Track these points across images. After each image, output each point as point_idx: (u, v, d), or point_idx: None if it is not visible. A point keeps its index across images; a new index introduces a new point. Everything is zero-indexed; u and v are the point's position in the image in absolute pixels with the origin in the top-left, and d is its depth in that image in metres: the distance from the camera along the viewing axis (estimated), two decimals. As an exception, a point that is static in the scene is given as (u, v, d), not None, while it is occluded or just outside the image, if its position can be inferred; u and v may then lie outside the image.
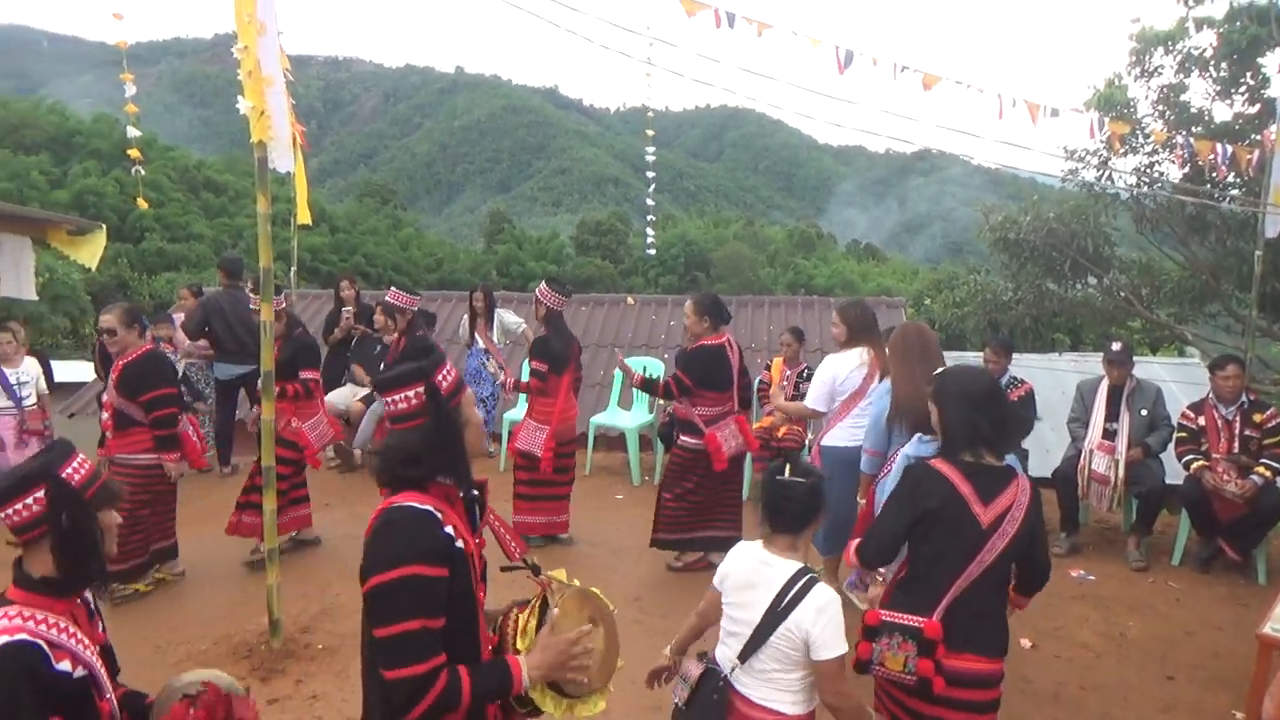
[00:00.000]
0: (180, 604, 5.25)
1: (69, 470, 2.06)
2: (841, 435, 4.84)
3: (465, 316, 8.27)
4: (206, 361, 7.83)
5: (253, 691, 2.38)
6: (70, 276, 21.37)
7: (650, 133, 5.15)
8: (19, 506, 1.99)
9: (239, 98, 4.08)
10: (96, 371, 7.95)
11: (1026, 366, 8.69)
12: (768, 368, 7.47)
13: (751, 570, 2.66)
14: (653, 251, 6.24)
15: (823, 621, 2.48)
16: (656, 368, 8.15)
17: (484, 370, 7.83)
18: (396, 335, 6.41)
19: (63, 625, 2.00)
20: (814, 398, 4.97)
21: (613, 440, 8.42)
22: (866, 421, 4.45)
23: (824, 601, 2.51)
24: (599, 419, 7.92)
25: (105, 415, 5.22)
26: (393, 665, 1.94)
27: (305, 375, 5.74)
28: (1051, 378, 9.31)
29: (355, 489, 7.50)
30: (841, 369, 4.93)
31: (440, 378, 2.17)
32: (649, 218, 5.49)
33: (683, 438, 5.45)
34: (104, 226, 7.48)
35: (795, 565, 2.61)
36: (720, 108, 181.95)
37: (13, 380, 6.58)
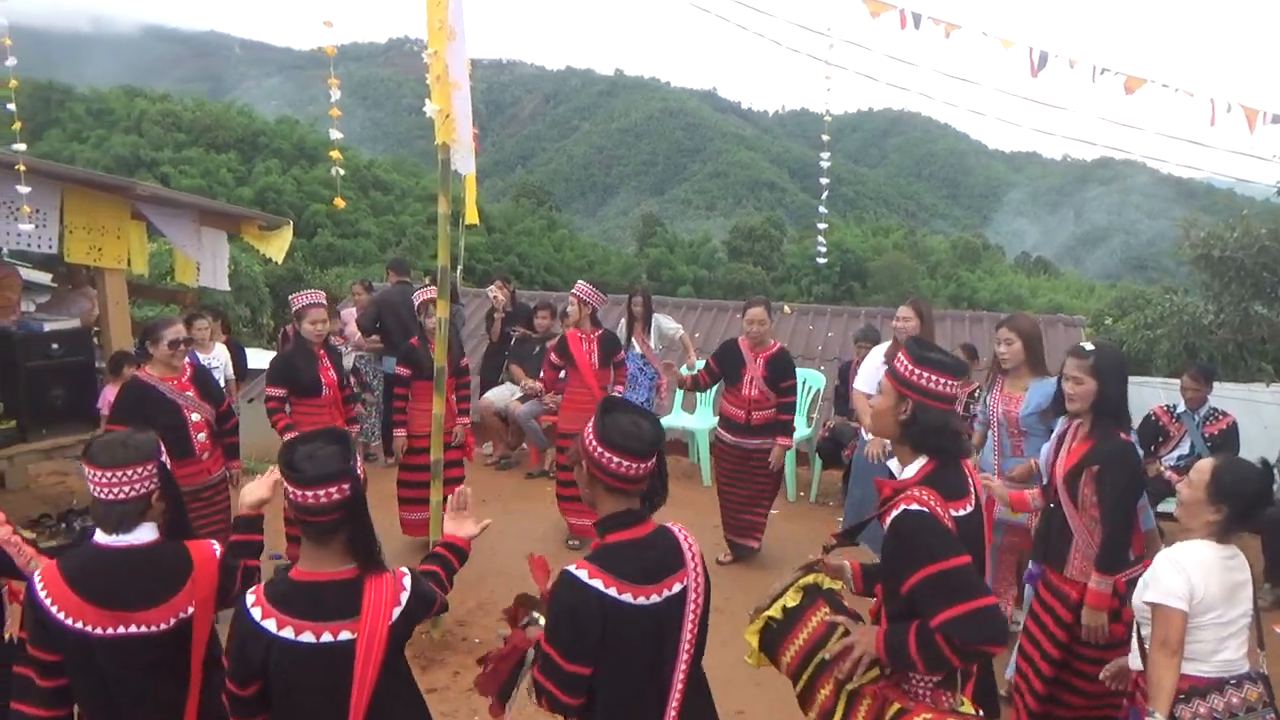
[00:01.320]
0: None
1: (358, 467, 2.26)
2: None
3: (622, 320, 8.37)
4: (376, 355, 8.25)
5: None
6: (252, 269, 23.05)
7: (825, 137, 5.06)
8: (332, 490, 2.16)
9: (426, 101, 4.27)
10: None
11: (1225, 397, 8.04)
12: None
13: (1226, 570, 2.79)
14: (824, 260, 6.09)
15: None
16: (817, 380, 8.02)
17: (640, 375, 7.91)
18: (591, 328, 6.48)
19: None
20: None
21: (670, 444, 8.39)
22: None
23: None
24: (666, 421, 7.89)
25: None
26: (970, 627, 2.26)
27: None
28: (1251, 410, 8.56)
29: (510, 486, 7.74)
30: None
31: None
32: (820, 226, 5.38)
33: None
34: (291, 222, 8.03)
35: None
36: (884, 111, 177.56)
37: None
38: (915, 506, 2.34)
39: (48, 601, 2.34)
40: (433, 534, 4.75)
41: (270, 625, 2.13)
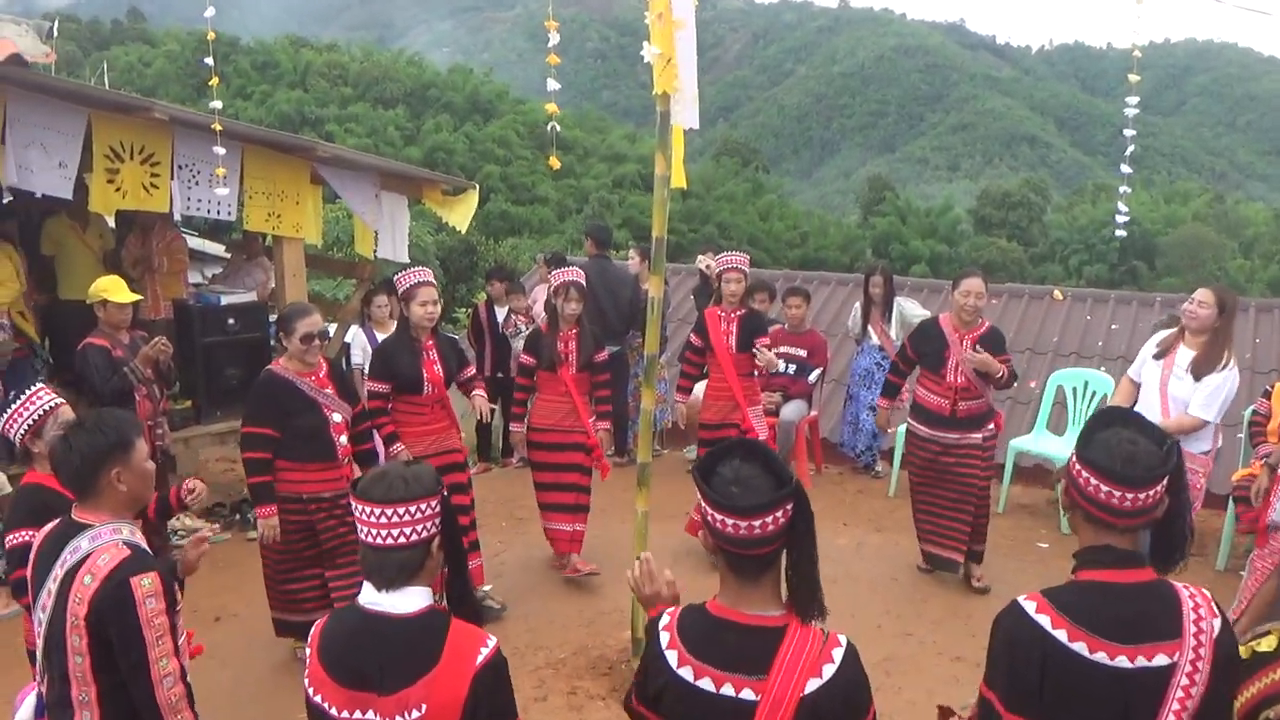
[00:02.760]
0: (541, 606, 5.79)
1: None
2: None
3: (858, 305, 8.27)
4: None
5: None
6: (423, 239, 24.33)
7: (1134, 77, 4.77)
8: (768, 519, 2.13)
9: (645, 44, 4.35)
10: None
11: None
12: (1266, 394, 6.51)
13: None
14: (1123, 233, 5.71)
15: None
16: (1103, 384, 7.61)
17: (877, 371, 7.79)
18: (737, 305, 6.53)
19: None
20: None
21: (1030, 472, 8.05)
22: None
23: None
24: (1021, 444, 7.58)
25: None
26: None
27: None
28: None
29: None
30: None
31: None
32: (1122, 189, 5.08)
33: None
34: (476, 187, 8.43)
35: None
36: (1185, 43, 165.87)
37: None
38: None
39: (306, 663, 2.36)
40: (638, 548, 4.86)
41: (672, 659, 2.14)
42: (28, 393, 3.87)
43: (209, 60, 5.13)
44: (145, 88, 48.03)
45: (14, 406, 3.83)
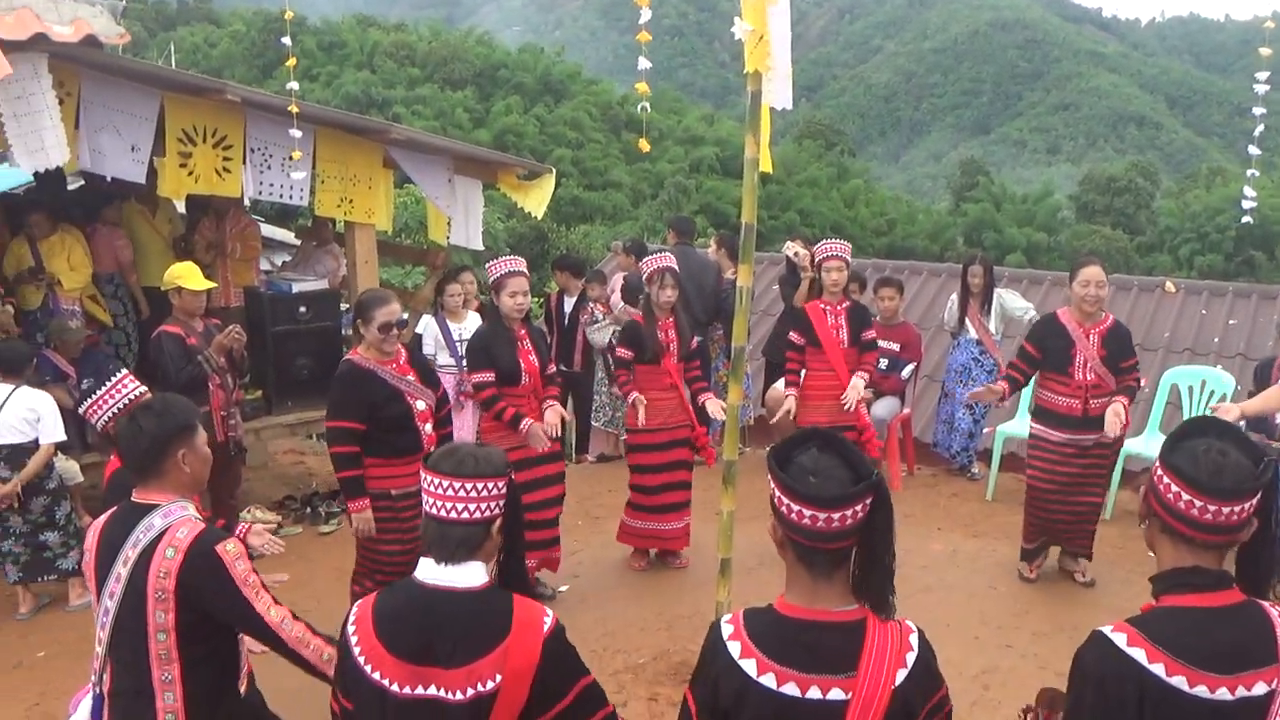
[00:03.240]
0: (619, 608, 5.84)
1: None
2: None
3: (954, 296, 8.18)
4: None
5: None
6: (493, 226, 24.58)
7: (1265, 51, 4.63)
8: (846, 513, 2.14)
9: (735, 20, 4.35)
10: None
11: None
12: None
13: None
14: (1248, 219, 5.54)
15: None
16: (1221, 382, 7.43)
17: (975, 367, 7.70)
18: (840, 297, 6.54)
19: None
20: None
21: (1141, 477, 7.86)
22: None
23: None
24: (1132, 446, 7.42)
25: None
26: None
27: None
28: None
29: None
30: None
31: None
32: (1250, 173, 4.94)
33: None
34: (553, 171, 8.50)
35: None
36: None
37: (456, 336, 7.71)
38: None
39: (354, 639, 2.41)
40: (722, 550, 4.87)
41: (749, 668, 2.12)
42: (114, 379, 4.00)
43: (286, 40, 5.26)
44: (211, 69, 49.10)
45: (100, 392, 3.96)
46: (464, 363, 7.30)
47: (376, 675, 2.35)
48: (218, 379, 6.18)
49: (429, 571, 2.41)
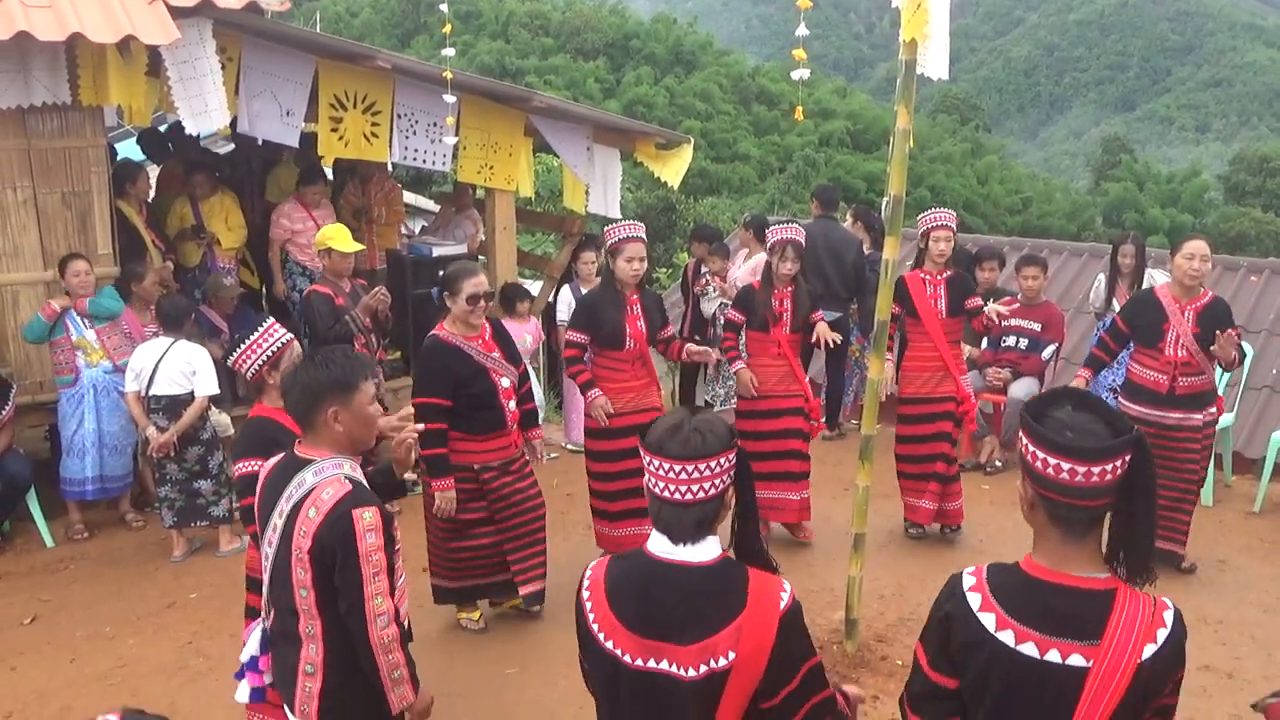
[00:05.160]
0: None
1: None
2: None
3: (1101, 276, 7.94)
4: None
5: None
6: (623, 196, 24.65)
7: None
8: (1107, 466, 2.11)
9: (894, -13, 4.26)
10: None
11: None
12: None
13: None
14: None
15: None
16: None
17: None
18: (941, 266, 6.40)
19: None
20: None
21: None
22: None
23: None
24: None
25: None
26: None
27: None
28: None
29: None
30: None
31: None
32: None
33: None
34: (691, 140, 8.49)
35: None
36: None
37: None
38: None
39: (588, 605, 2.38)
40: (856, 525, 4.85)
41: (988, 621, 2.13)
42: (263, 326, 4.15)
43: (444, 6, 5.34)
44: (352, 38, 50.25)
45: (251, 339, 4.11)
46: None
47: (610, 644, 2.31)
48: (362, 339, 6.36)
49: (662, 546, 2.33)
